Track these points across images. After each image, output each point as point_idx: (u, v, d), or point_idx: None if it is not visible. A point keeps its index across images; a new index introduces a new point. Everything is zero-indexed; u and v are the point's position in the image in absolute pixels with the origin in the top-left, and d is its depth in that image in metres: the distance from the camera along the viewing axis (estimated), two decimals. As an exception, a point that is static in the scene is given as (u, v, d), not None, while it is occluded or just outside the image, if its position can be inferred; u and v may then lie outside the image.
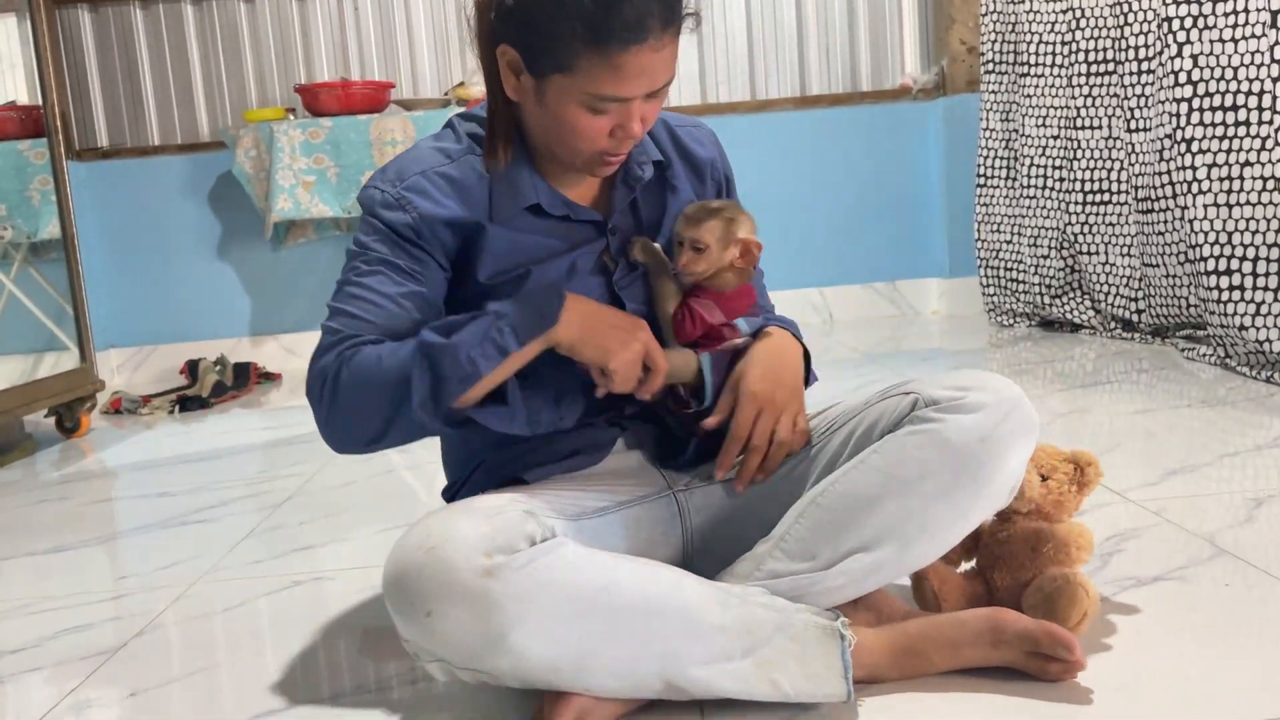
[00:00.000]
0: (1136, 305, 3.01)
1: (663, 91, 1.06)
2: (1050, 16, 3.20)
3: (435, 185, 1.12)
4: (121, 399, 3.18)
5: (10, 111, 3.07)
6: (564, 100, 1.04)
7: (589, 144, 1.07)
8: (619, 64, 1.00)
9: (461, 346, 1.00)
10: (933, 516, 1.04)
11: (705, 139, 1.27)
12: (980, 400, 1.05)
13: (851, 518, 1.05)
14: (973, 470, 1.03)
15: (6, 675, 1.27)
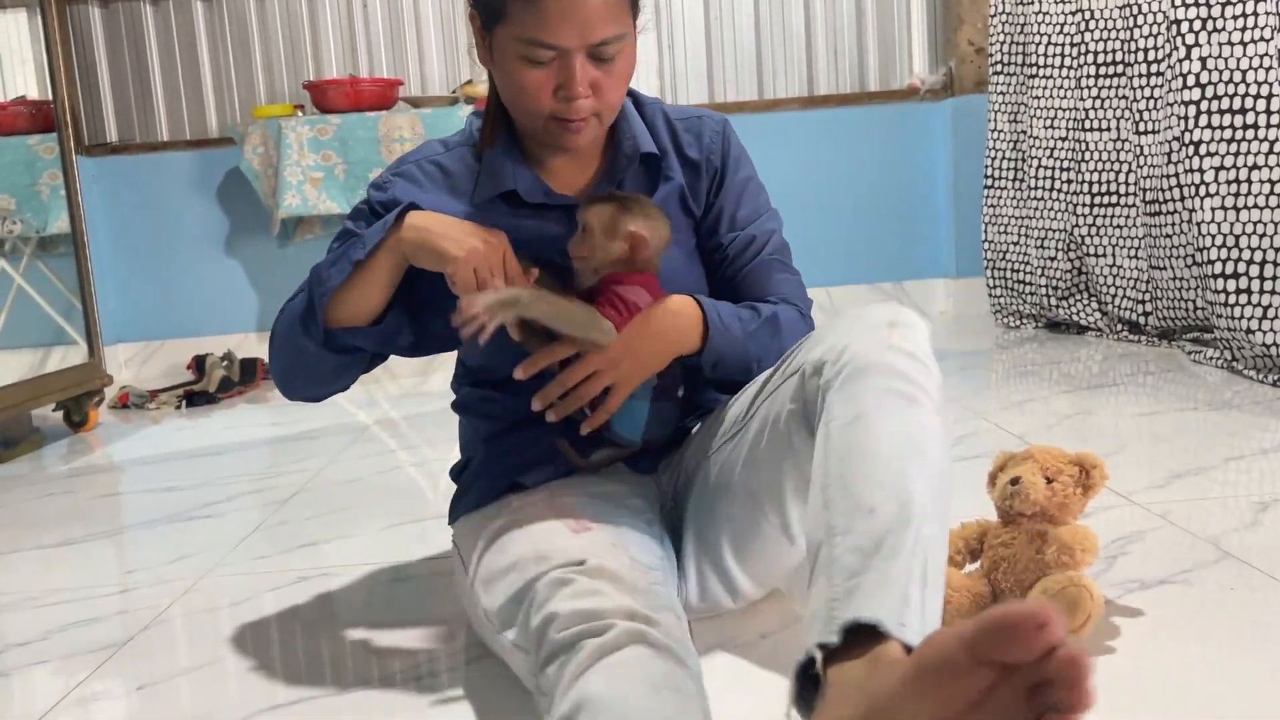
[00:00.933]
0: (1143, 308, 3.01)
1: (613, 54, 1.05)
2: (1059, 18, 3.19)
3: (424, 172, 1.18)
4: (129, 394, 3.20)
5: (20, 106, 3.09)
6: (506, 53, 1.05)
7: (533, 102, 1.06)
8: (539, 6, 1.00)
9: (323, 265, 1.10)
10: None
11: (705, 131, 1.24)
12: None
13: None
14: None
15: (14, 668, 1.28)
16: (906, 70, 3.93)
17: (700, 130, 1.24)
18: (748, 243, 1.23)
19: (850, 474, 0.87)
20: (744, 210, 1.24)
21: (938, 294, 3.98)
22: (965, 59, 3.77)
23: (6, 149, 3.08)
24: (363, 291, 1.10)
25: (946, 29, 3.84)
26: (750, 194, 1.26)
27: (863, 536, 0.82)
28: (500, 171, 1.15)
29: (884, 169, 3.91)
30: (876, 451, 0.87)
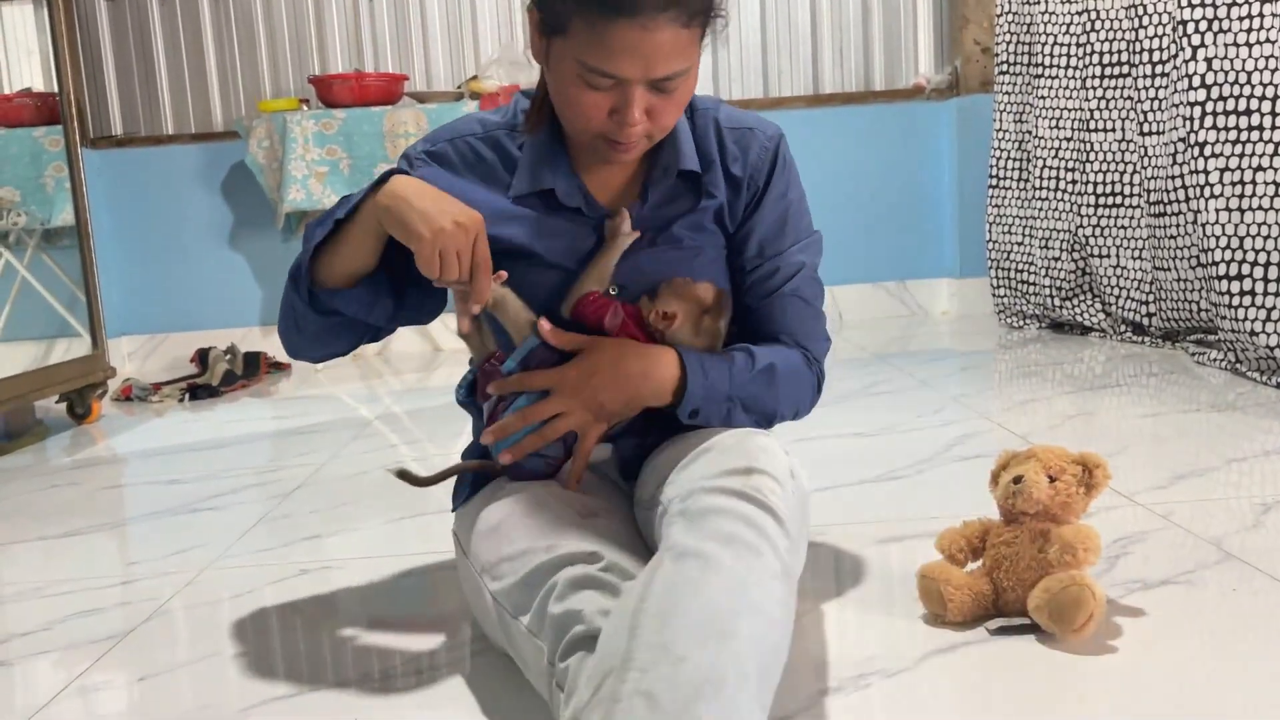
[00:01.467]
0: (1147, 309, 3.01)
1: (674, 87, 1.02)
2: (1065, 18, 3.19)
3: (459, 153, 1.16)
4: (132, 386, 3.20)
5: (26, 98, 3.09)
6: (562, 66, 1.02)
7: (585, 120, 1.04)
8: (603, 35, 0.96)
9: (311, 225, 1.10)
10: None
11: (753, 146, 1.19)
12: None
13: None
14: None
15: (16, 657, 1.28)
16: (912, 69, 3.92)
17: (749, 145, 1.19)
18: (771, 273, 1.20)
19: (670, 610, 0.80)
20: (775, 238, 1.20)
21: (941, 293, 3.98)
22: (971, 58, 3.76)
23: (12, 141, 3.09)
24: (343, 253, 1.09)
25: (952, 28, 3.84)
26: (788, 220, 1.21)
27: (659, 683, 0.75)
28: (539, 168, 1.13)
29: (888, 168, 3.91)
30: (708, 598, 0.81)
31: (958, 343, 3.34)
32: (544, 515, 1.04)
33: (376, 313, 1.15)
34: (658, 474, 1.08)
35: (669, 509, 0.94)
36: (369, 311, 1.14)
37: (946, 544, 1.21)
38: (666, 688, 0.75)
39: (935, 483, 1.77)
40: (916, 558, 1.26)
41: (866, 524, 1.11)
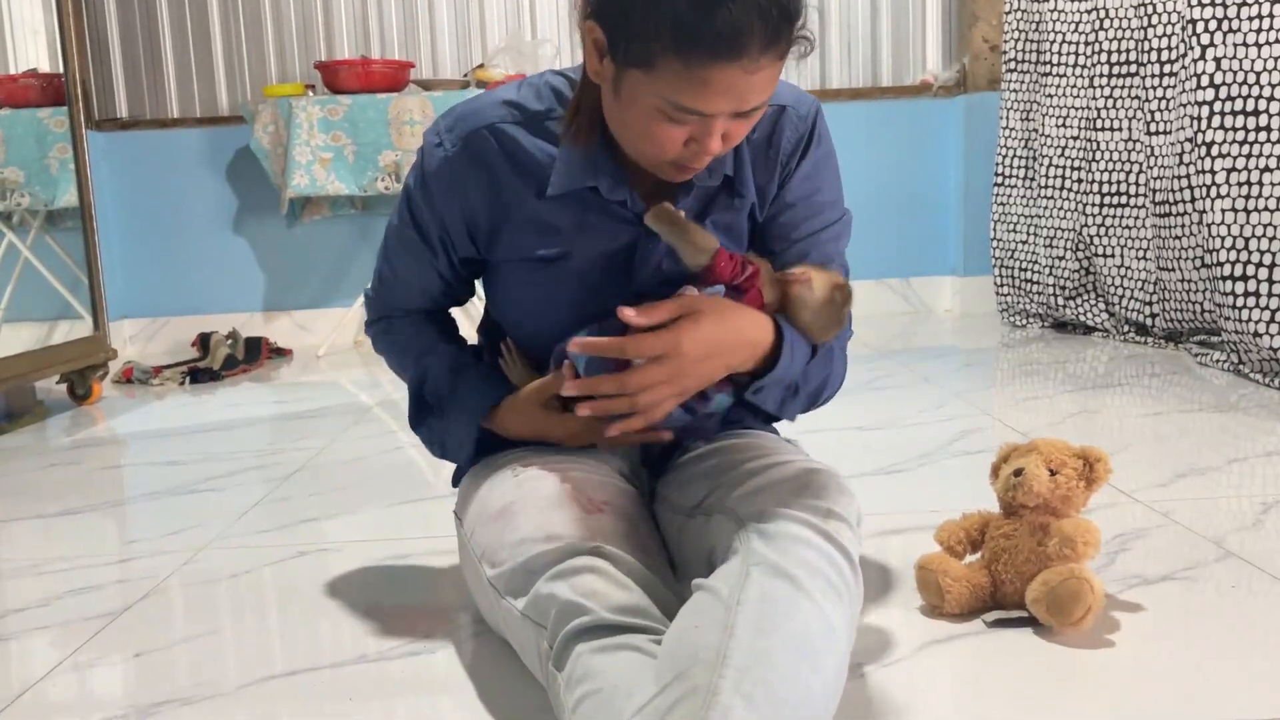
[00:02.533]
0: (1151, 309, 3.00)
1: (754, 114, 0.96)
2: (1074, 16, 3.18)
3: (494, 148, 1.08)
4: (133, 369, 3.20)
5: (31, 79, 3.08)
6: (639, 99, 0.94)
7: (658, 150, 0.97)
8: (703, 78, 0.89)
9: (444, 438, 1.22)
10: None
11: (785, 128, 1.12)
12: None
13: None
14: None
15: (13, 633, 1.28)
16: (920, 66, 3.91)
17: (782, 126, 1.11)
18: (801, 256, 1.15)
19: (767, 620, 0.81)
20: (805, 219, 1.15)
21: (944, 291, 3.97)
22: (979, 56, 3.75)
23: (17, 121, 3.08)
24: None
25: (961, 26, 3.83)
26: (819, 200, 1.15)
27: (759, 688, 0.76)
28: (579, 169, 1.06)
29: (894, 164, 3.90)
30: (802, 623, 0.82)
31: (961, 340, 3.34)
32: (548, 503, 1.03)
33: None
34: (705, 482, 1.05)
35: (746, 525, 0.92)
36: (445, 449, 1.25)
37: (945, 536, 1.21)
38: (765, 696, 0.76)
39: (935, 477, 1.76)
40: (915, 550, 1.25)
41: (867, 516, 1.11)
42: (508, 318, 1.18)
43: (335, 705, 1.05)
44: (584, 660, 0.86)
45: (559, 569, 0.93)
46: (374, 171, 3.47)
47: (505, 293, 1.15)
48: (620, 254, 1.10)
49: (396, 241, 1.19)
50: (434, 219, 1.13)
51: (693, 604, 0.86)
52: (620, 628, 0.88)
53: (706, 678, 0.77)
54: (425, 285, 1.20)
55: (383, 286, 1.25)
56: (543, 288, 1.11)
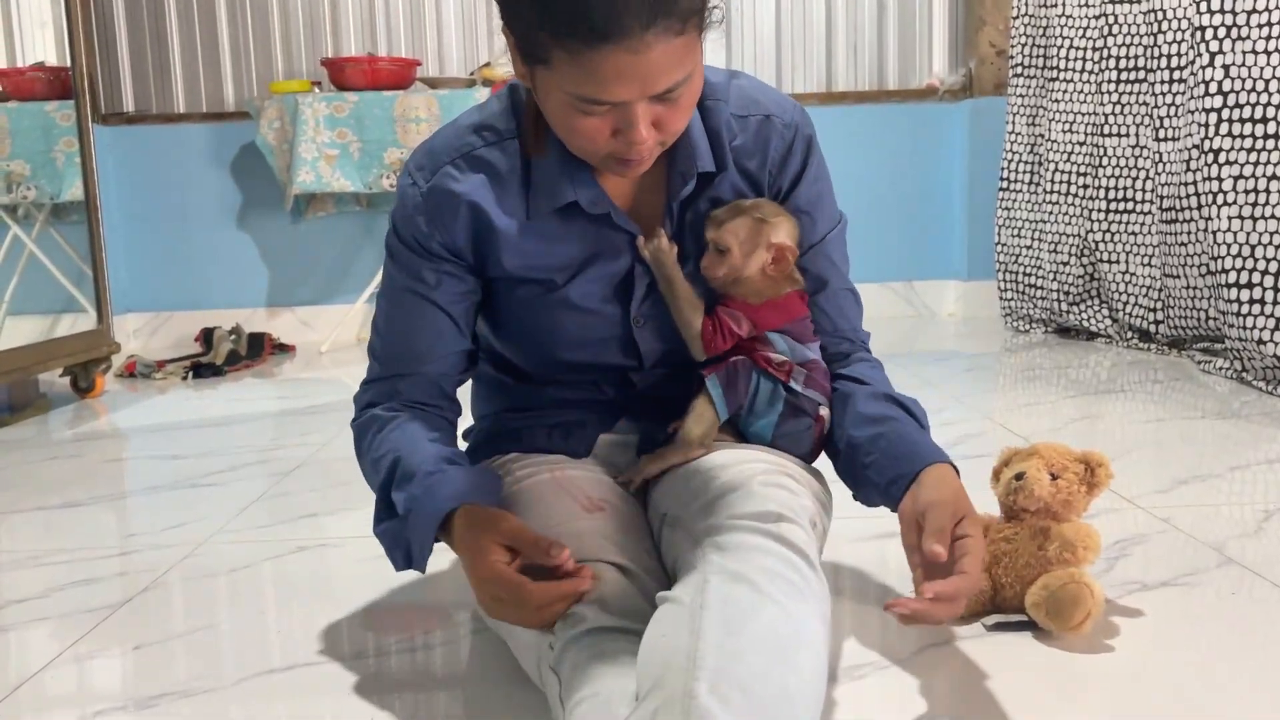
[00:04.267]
0: (1155, 316, 2.99)
1: (678, 95, 0.91)
2: (1082, 22, 3.18)
3: (461, 178, 1.04)
4: (136, 363, 3.20)
5: (38, 72, 3.09)
6: (551, 95, 0.91)
7: (589, 144, 0.94)
8: (590, 66, 0.86)
9: (385, 535, 1.04)
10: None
11: (771, 137, 1.08)
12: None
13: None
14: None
15: (13, 624, 1.28)
16: (926, 70, 3.91)
17: (767, 135, 1.07)
18: (812, 265, 1.13)
19: (733, 623, 0.80)
20: (808, 228, 1.11)
21: (948, 295, 3.97)
22: (986, 60, 3.75)
23: (23, 115, 3.09)
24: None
25: (968, 30, 3.82)
26: (818, 208, 1.12)
27: (734, 691, 0.75)
28: (556, 185, 1.02)
29: (899, 168, 3.90)
30: (768, 624, 0.80)
31: (963, 344, 3.33)
32: (547, 506, 1.03)
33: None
34: (674, 489, 1.04)
35: (700, 540, 0.91)
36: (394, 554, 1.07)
37: (946, 539, 1.20)
38: (742, 696, 0.75)
39: (936, 480, 1.76)
40: (915, 552, 1.25)
41: (867, 518, 1.11)
42: (508, 341, 1.15)
43: (332, 701, 1.05)
44: (582, 665, 0.86)
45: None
46: (379, 169, 3.48)
47: (504, 316, 1.12)
48: (618, 273, 1.08)
49: (389, 304, 1.10)
50: (424, 255, 1.06)
51: (658, 615, 0.86)
52: (620, 631, 0.88)
53: (682, 683, 0.76)
54: (431, 335, 1.08)
55: (382, 360, 1.11)
56: (540, 308, 1.09)
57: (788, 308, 1.08)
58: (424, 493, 0.98)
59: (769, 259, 1.05)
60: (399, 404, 1.09)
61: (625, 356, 1.12)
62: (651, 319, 1.09)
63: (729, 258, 1.05)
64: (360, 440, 1.10)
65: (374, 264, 3.81)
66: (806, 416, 1.07)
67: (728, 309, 1.06)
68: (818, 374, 1.09)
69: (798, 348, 1.08)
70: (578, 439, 1.15)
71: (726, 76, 1.09)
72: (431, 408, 1.10)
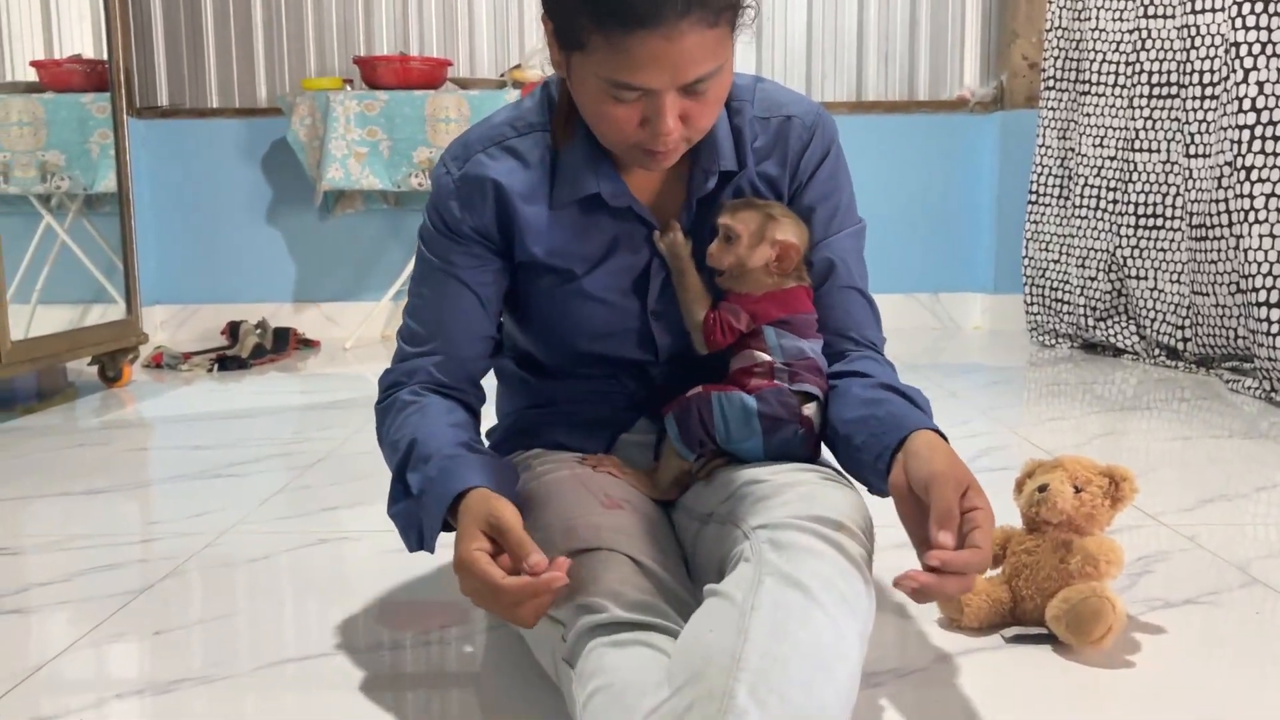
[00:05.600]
0: (1183, 333, 2.97)
1: (706, 89, 0.94)
2: (1116, 36, 3.15)
3: (492, 167, 1.07)
4: (163, 354, 3.23)
5: (76, 64, 3.13)
6: (585, 81, 0.95)
7: (618, 133, 0.97)
8: (625, 49, 0.89)
9: (399, 510, 1.04)
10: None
11: (790, 136, 1.09)
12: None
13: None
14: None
15: (36, 606, 1.29)
16: (957, 81, 3.90)
17: (787, 134, 1.09)
18: (823, 262, 1.12)
19: (781, 627, 0.80)
20: (821, 224, 1.12)
21: (974, 308, 3.95)
22: (1018, 73, 3.73)
23: (60, 106, 3.12)
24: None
25: (1000, 42, 3.81)
26: (834, 205, 1.13)
27: (772, 695, 0.75)
28: (580, 176, 1.05)
29: (928, 179, 3.88)
30: (815, 632, 0.80)
31: (988, 357, 3.31)
32: (565, 501, 1.03)
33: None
34: (721, 489, 1.03)
35: (753, 536, 0.91)
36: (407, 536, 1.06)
37: (966, 549, 1.20)
38: (779, 702, 0.75)
39: (958, 492, 1.75)
40: (935, 562, 1.24)
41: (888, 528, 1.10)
42: (530, 333, 1.16)
43: (347, 693, 1.05)
44: (596, 655, 0.86)
45: (578, 563, 0.93)
46: (408, 167, 3.50)
47: (527, 306, 1.14)
48: (637, 266, 1.10)
49: (420, 285, 1.12)
50: (455, 238, 1.09)
51: (706, 608, 0.86)
52: (634, 625, 0.88)
53: (721, 681, 0.76)
54: (460, 315, 1.10)
55: (410, 341, 1.12)
56: (561, 298, 1.10)
57: (789, 300, 1.07)
58: (439, 474, 0.99)
59: (773, 255, 1.06)
60: (423, 386, 1.09)
61: (642, 350, 1.13)
62: (668, 313, 1.11)
63: (736, 246, 1.05)
64: (382, 422, 1.10)
65: (400, 262, 3.83)
66: (790, 423, 1.04)
67: (729, 304, 1.07)
68: (806, 369, 1.06)
69: (790, 342, 1.06)
70: (597, 436, 1.16)
71: (752, 80, 1.11)
72: (455, 391, 1.10)
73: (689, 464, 1.08)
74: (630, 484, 1.09)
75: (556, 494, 1.04)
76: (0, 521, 1.66)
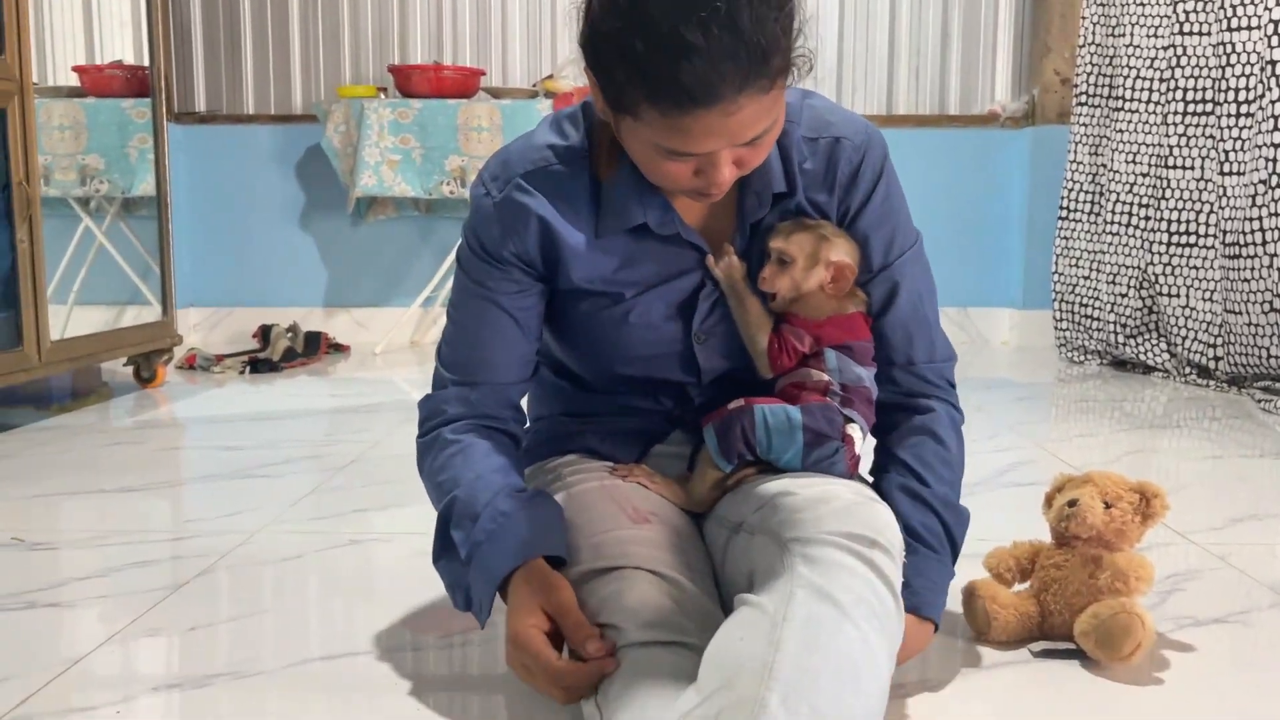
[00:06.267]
0: (1214, 352, 2.94)
1: (763, 140, 0.93)
2: (1150, 52, 3.14)
3: (533, 191, 1.05)
4: (196, 355, 3.27)
5: (117, 70, 3.18)
6: (637, 142, 0.94)
7: (670, 183, 0.97)
8: (682, 126, 0.88)
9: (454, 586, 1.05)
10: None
11: (840, 159, 1.07)
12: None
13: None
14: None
15: (73, 601, 1.32)
16: (988, 96, 3.89)
17: (836, 158, 1.07)
18: (884, 288, 1.11)
19: (813, 640, 0.81)
20: (880, 250, 1.10)
21: (1002, 323, 3.93)
22: (1050, 89, 3.72)
23: (101, 110, 3.17)
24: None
25: (1032, 57, 3.80)
26: (890, 228, 1.10)
27: (803, 705, 0.77)
28: (626, 206, 1.03)
29: (957, 193, 3.87)
30: (844, 646, 0.82)
31: (1016, 373, 3.30)
32: (593, 513, 1.03)
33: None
34: (753, 500, 1.03)
35: (789, 548, 0.91)
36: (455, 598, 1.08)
37: (995, 562, 1.20)
38: (810, 713, 0.77)
39: (985, 506, 1.74)
40: (963, 576, 1.24)
41: (913, 539, 1.13)
42: (569, 350, 1.16)
43: (371, 694, 1.06)
44: (620, 687, 0.87)
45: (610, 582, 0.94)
46: (440, 175, 3.53)
47: (566, 325, 1.13)
48: (685, 290, 1.08)
49: (459, 311, 1.11)
50: (494, 262, 1.07)
51: (738, 617, 0.86)
52: (656, 645, 0.89)
53: (753, 689, 0.77)
54: (500, 342, 1.09)
55: (450, 367, 1.12)
56: (604, 321, 1.09)
57: (851, 326, 1.07)
58: (487, 540, 1.00)
59: (828, 277, 1.05)
60: (466, 421, 1.09)
61: (684, 373, 1.12)
62: (714, 336, 1.09)
63: (791, 270, 1.04)
64: (423, 458, 1.11)
65: (431, 268, 3.86)
66: (831, 439, 1.04)
67: (791, 327, 1.06)
68: (860, 399, 1.07)
69: (849, 366, 1.06)
70: (629, 447, 1.16)
71: (799, 96, 1.08)
72: (497, 422, 1.10)
73: (723, 475, 1.08)
74: (660, 494, 1.09)
75: (585, 507, 1.05)
76: (37, 517, 1.69)
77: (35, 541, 1.55)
